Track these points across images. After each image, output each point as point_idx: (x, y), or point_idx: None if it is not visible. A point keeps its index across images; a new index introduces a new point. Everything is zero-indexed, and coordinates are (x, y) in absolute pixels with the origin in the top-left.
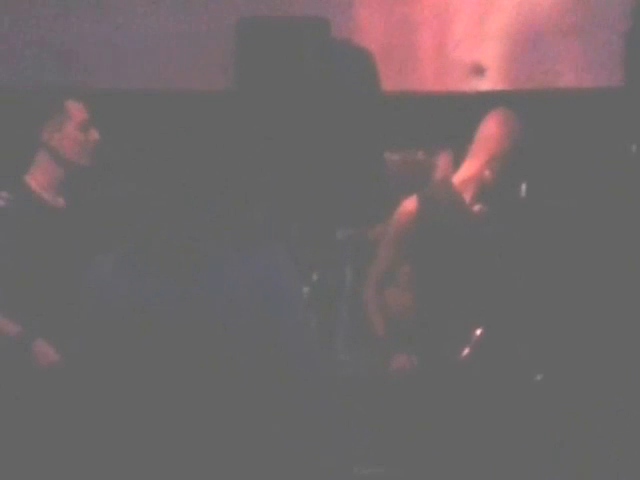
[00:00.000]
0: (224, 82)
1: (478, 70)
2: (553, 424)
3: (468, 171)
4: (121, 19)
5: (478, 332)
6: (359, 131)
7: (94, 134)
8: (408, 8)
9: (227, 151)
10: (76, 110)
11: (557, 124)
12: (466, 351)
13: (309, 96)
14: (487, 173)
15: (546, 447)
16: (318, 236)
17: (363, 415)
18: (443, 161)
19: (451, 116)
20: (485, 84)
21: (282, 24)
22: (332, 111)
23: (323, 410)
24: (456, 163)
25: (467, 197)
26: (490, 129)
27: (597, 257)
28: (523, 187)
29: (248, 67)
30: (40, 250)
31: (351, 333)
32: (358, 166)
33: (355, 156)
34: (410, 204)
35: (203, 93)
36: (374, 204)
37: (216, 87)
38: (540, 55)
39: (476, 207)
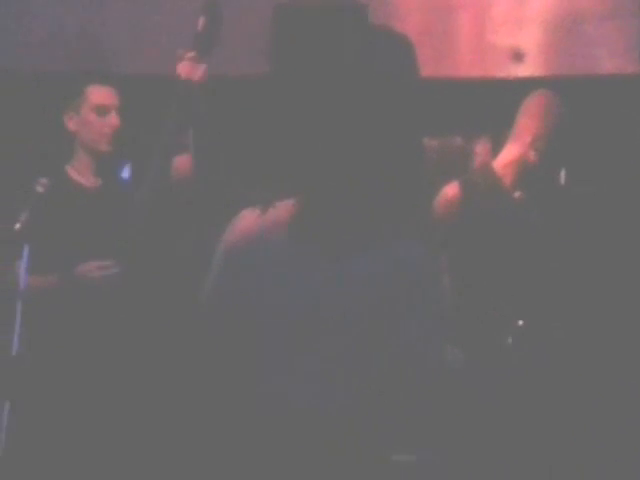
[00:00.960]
0: (261, 68)
1: (517, 55)
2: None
3: (509, 155)
4: (153, 3)
5: (520, 323)
6: (397, 116)
7: (113, 119)
8: None
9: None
10: (93, 94)
11: (597, 111)
12: (508, 341)
13: (347, 81)
14: (531, 154)
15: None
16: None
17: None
18: (481, 148)
19: (490, 102)
20: (524, 70)
21: (319, 10)
22: (370, 96)
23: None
24: (494, 150)
25: (508, 183)
26: (533, 109)
27: (634, 246)
28: (562, 174)
29: (285, 53)
30: (78, 230)
31: None
32: (397, 152)
33: (393, 142)
34: (451, 190)
35: (241, 78)
36: (412, 189)
37: (253, 72)
38: (580, 41)
39: (517, 193)
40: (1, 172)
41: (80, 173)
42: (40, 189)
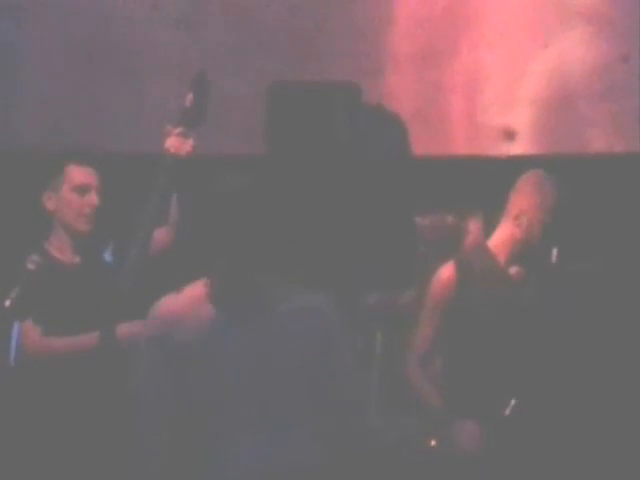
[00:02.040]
0: (255, 146)
1: (508, 134)
2: None
3: (502, 234)
4: (148, 84)
5: (512, 402)
6: (390, 195)
7: (93, 199)
8: (438, 73)
9: (256, 212)
10: (74, 173)
11: (588, 189)
12: (500, 419)
13: (339, 160)
14: (516, 230)
15: None
16: (349, 300)
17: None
18: (474, 225)
19: (482, 180)
20: (516, 148)
21: (313, 88)
22: (362, 175)
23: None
24: (486, 227)
25: (502, 261)
26: (524, 188)
27: (631, 323)
28: (554, 252)
29: (281, 130)
30: (65, 303)
31: (381, 398)
32: (388, 230)
33: (386, 220)
34: (447, 271)
35: (233, 157)
36: (404, 269)
37: (247, 151)
38: (570, 120)
39: (512, 270)
40: None
41: (59, 250)
42: (31, 266)
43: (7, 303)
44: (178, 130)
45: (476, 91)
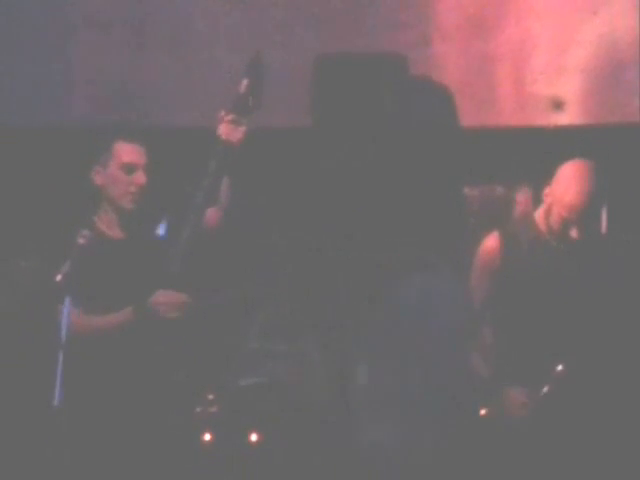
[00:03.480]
0: (304, 117)
1: (557, 104)
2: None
3: (549, 211)
4: (197, 56)
5: (559, 368)
6: (438, 166)
7: (140, 178)
8: (485, 43)
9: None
10: (121, 151)
11: (636, 158)
12: (546, 388)
13: (388, 131)
14: (568, 225)
15: None
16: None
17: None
18: (523, 196)
19: (530, 151)
20: (564, 118)
21: (361, 60)
22: (411, 146)
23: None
24: (535, 198)
25: (549, 233)
26: (565, 185)
27: None
28: (604, 221)
29: (327, 102)
30: (109, 278)
31: None
32: (438, 201)
33: (435, 191)
34: (492, 241)
35: (283, 129)
36: (455, 239)
37: (296, 123)
38: (620, 89)
39: (558, 243)
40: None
41: (107, 225)
42: (82, 241)
43: (58, 278)
44: (230, 117)
45: (524, 61)
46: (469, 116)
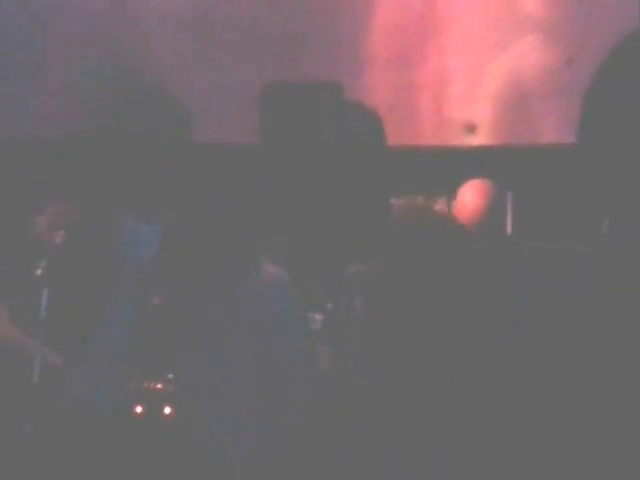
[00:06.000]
0: (253, 136)
1: (470, 128)
2: None
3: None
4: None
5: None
6: (368, 179)
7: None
8: (410, 74)
9: (251, 193)
10: None
11: (539, 177)
12: None
13: (325, 149)
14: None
15: None
16: (332, 270)
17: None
18: (440, 206)
19: (447, 167)
20: (476, 140)
21: (302, 88)
22: (344, 162)
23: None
24: (450, 208)
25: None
26: (463, 203)
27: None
28: (509, 229)
29: (274, 123)
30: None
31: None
32: (366, 210)
33: (364, 201)
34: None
35: (233, 146)
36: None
37: (244, 141)
38: (524, 115)
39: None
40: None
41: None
42: (58, 240)
43: (38, 272)
44: None
45: (442, 90)
46: (395, 136)
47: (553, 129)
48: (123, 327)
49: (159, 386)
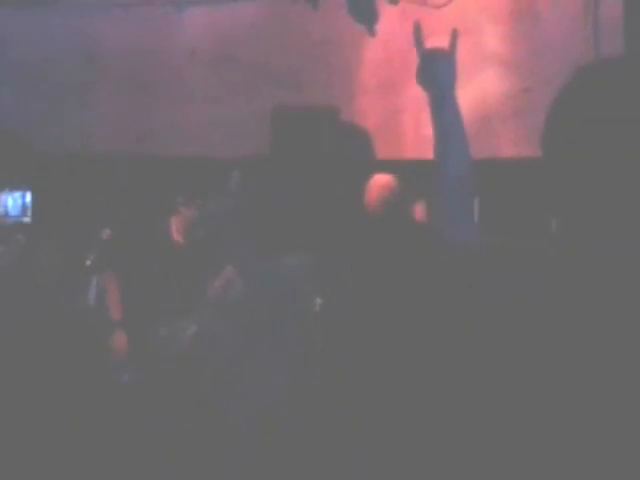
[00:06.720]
0: (263, 152)
1: None
2: None
3: None
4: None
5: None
6: (358, 186)
7: None
8: (394, 99)
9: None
10: None
11: (499, 186)
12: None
13: (324, 162)
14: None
15: None
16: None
17: None
18: (419, 207)
19: (424, 177)
20: None
21: (305, 110)
22: (340, 172)
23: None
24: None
25: None
26: (368, 193)
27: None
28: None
29: (281, 140)
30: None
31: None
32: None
33: (354, 202)
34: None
35: (248, 158)
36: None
37: (262, 151)
38: (488, 133)
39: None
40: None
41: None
42: (104, 236)
43: (88, 262)
44: None
45: (421, 112)
46: (382, 151)
47: (512, 145)
48: None
49: None
